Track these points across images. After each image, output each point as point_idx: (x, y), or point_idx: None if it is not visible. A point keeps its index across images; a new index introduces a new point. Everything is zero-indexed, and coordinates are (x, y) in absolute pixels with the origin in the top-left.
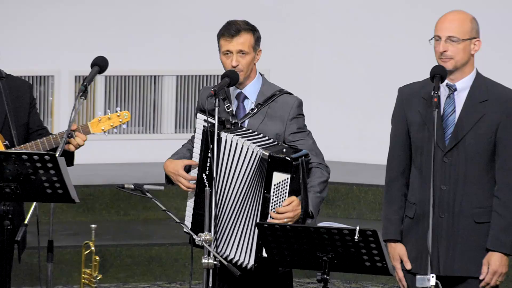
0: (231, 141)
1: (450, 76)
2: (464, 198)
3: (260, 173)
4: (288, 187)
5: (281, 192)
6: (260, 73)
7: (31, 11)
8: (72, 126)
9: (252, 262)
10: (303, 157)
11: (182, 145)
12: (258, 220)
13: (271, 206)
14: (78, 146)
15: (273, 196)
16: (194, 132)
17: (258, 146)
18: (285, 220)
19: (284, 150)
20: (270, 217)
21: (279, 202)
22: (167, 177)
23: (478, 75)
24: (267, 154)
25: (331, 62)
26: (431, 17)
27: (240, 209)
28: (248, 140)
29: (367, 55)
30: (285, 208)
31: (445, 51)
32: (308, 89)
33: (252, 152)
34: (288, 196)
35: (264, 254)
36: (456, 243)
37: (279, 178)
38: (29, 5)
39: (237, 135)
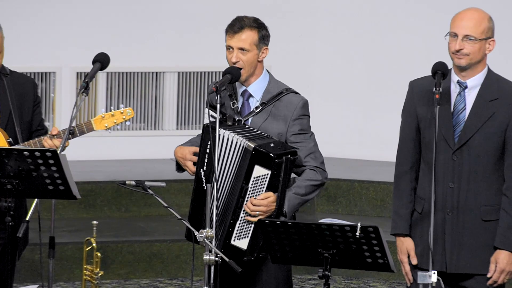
0: (227, 138)
1: (462, 73)
2: (472, 196)
3: (244, 164)
4: (266, 183)
5: (259, 186)
6: (267, 70)
7: (33, 8)
8: (53, 130)
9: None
10: (289, 156)
11: (198, 135)
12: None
13: (247, 198)
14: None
15: (251, 188)
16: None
17: (247, 138)
18: (257, 213)
19: (272, 145)
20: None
21: (255, 196)
22: (177, 164)
23: (490, 72)
24: (252, 146)
25: (332, 59)
26: (432, 14)
27: (226, 201)
28: (243, 136)
29: (368, 51)
30: (259, 201)
31: (461, 49)
32: (309, 86)
33: (239, 143)
34: (266, 191)
35: (232, 242)
36: (463, 240)
37: (260, 172)
38: (31, 1)
39: (234, 131)
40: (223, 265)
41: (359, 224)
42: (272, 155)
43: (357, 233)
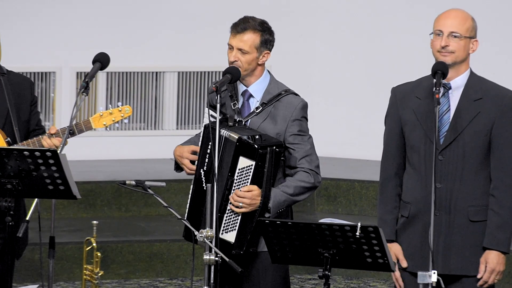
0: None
1: None
2: (459, 196)
3: (229, 155)
4: (251, 174)
5: (244, 177)
6: (268, 71)
7: (33, 8)
8: (51, 129)
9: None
10: (274, 147)
11: (196, 135)
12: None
13: (233, 190)
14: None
15: (236, 179)
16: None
17: (233, 130)
18: (240, 204)
19: (257, 137)
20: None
21: (240, 187)
22: (176, 163)
23: (472, 73)
24: (236, 137)
25: (332, 59)
26: (432, 15)
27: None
28: (232, 130)
29: (368, 51)
30: (243, 193)
31: (446, 45)
32: (309, 86)
33: (224, 135)
34: (251, 184)
35: (220, 235)
36: (451, 241)
37: (244, 163)
38: (31, 1)
39: (233, 131)
40: (220, 266)
41: (359, 224)
42: (256, 146)
43: (357, 233)
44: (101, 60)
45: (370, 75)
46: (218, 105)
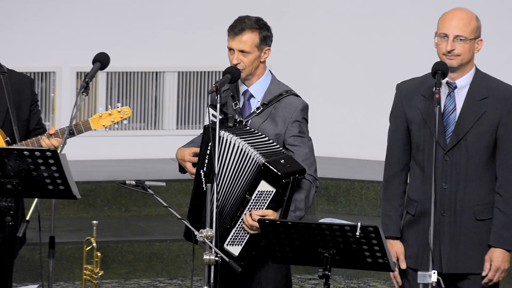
0: (230, 141)
1: (451, 74)
2: (465, 196)
3: (251, 176)
4: (269, 199)
5: (261, 200)
6: (270, 71)
7: (33, 8)
8: (50, 129)
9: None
10: (297, 175)
11: (199, 135)
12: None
13: (247, 209)
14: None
15: (253, 200)
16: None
17: (257, 150)
18: (254, 228)
19: (282, 161)
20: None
21: (256, 209)
22: (180, 166)
23: (477, 72)
24: (263, 161)
25: (332, 58)
26: (432, 14)
27: (225, 205)
28: (246, 141)
29: (368, 51)
30: (257, 218)
31: (453, 49)
32: (309, 86)
33: (250, 155)
34: (267, 208)
35: (225, 246)
36: (458, 240)
37: (265, 187)
38: (31, 1)
39: (236, 135)
40: (222, 265)
41: (359, 224)
42: (280, 174)
43: (357, 233)
44: (101, 60)
45: (370, 75)
46: (218, 105)
